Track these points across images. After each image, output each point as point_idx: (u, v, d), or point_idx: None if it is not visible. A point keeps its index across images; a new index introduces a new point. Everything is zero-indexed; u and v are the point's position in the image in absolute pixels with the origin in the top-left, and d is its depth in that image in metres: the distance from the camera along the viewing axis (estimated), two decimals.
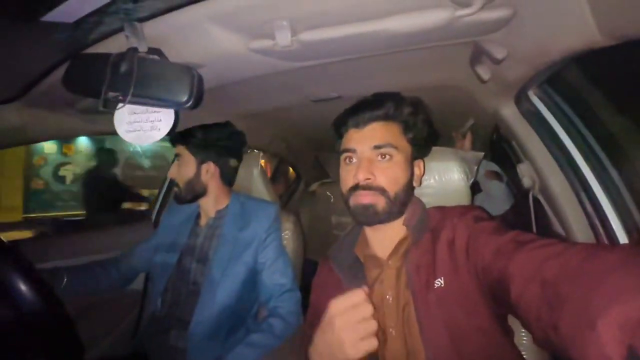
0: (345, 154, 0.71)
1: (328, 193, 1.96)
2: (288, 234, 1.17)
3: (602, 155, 0.82)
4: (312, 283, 0.83)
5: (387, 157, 0.67)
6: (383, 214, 0.66)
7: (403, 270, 0.66)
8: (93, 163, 4.04)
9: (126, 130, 0.56)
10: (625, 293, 0.30)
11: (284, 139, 1.65)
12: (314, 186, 2.21)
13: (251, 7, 0.47)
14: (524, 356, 0.63)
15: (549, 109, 0.87)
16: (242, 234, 1.04)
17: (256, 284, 1.04)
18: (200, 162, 1.05)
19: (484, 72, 0.76)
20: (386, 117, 0.70)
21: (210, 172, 1.07)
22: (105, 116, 0.57)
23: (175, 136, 1.07)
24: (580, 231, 0.82)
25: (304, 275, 1.20)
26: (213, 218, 1.09)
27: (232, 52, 0.58)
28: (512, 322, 0.64)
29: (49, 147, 5.36)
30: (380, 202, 0.65)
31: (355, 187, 0.66)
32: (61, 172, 5.45)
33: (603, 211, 0.78)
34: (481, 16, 0.48)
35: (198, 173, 1.05)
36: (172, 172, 1.06)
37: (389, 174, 0.66)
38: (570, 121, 0.86)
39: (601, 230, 0.79)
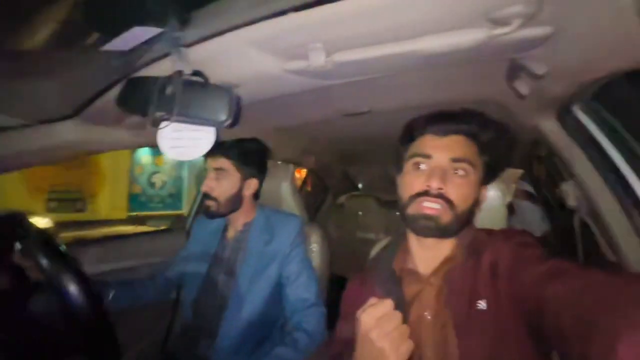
0: (415, 159, 0.68)
1: (355, 206, 1.95)
2: (315, 247, 1.18)
3: None
4: (343, 296, 0.82)
5: (463, 172, 0.65)
6: (444, 229, 0.64)
7: (444, 289, 0.64)
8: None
9: (170, 146, 0.60)
10: None
11: (314, 152, 1.67)
12: (342, 198, 2.21)
13: (288, 31, 0.49)
14: None
15: (596, 124, 0.81)
16: (267, 248, 1.05)
17: (281, 298, 1.04)
18: (245, 178, 1.06)
19: (522, 87, 0.73)
20: (469, 134, 0.68)
21: (251, 188, 1.08)
22: (150, 130, 0.61)
23: (217, 149, 1.05)
24: (633, 255, 0.75)
25: (330, 289, 1.19)
26: (240, 231, 1.11)
27: (268, 73, 0.61)
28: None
29: (145, 158, 7.04)
30: (446, 216, 0.63)
31: (423, 194, 0.64)
32: (152, 179, 7.18)
33: None
34: (519, 34, 0.47)
35: (241, 188, 1.05)
36: (209, 186, 1.03)
37: (461, 190, 0.64)
38: (621, 137, 0.80)
39: None
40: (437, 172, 0.63)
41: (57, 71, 0.69)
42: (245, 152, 1.07)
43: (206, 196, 1.04)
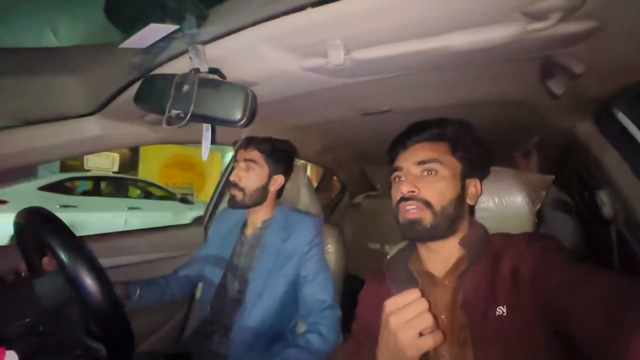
0: (394, 174, 0.73)
1: (372, 207, 1.91)
2: (331, 247, 1.16)
3: None
4: (359, 296, 0.82)
5: (433, 172, 0.68)
6: (431, 230, 0.65)
7: (460, 292, 0.64)
8: None
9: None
10: None
11: (332, 151, 1.65)
12: (359, 198, 2.18)
13: (306, 28, 0.48)
14: None
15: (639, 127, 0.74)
16: (284, 245, 1.05)
17: (297, 297, 1.04)
18: (273, 173, 1.09)
19: (556, 87, 0.68)
20: (431, 138, 0.72)
21: (277, 184, 1.11)
22: (170, 127, 0.61)
23: (251, 142, 1.09)
24: None
25: (345, 290, 1.17)
26: (259, 228, 1.11)
27: (285, 70, 0.59)
28: None
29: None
30: (427, 217, 0.65)
31: (401, 200, 0.68)
32: None
33: None
34: (558, 30, 0.42)
35: (268, 183, 1.08)
36: (238, 176, 1.05)
37: (433, 188, 0.67)
38: None
39: None
40: (408, 178, 0.69)
41: (81, 68, 0.71)
42: (276, 149, 1.09)
43: (233, 186, 1.06)
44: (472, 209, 0.74)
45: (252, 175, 1.05)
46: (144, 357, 0.98)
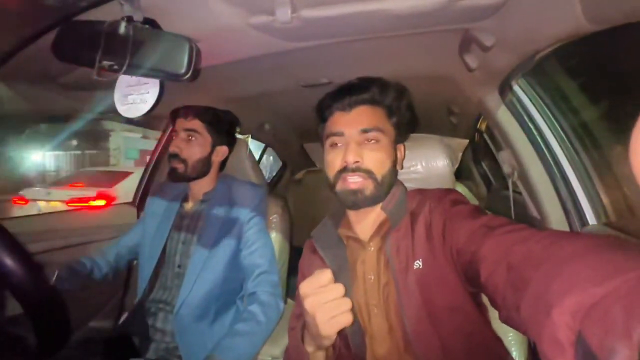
0: (332, 138, 0.71)
1: (314, 182, 1.97)
2: (276, 217, 1.18)
3: (578, 145, 0.88)
4: (299, 264, 0.84)
5: (374, 141, 0.68)
6: (371, 198, 0.68)
7: (383, 251, 0.68)
8: None
9: (121, 103, 0.55)
10: (579, 283, 0.32)
11: (272, 126, 1.64)
12: (300, 174, 2.21)
13: None
14: (496, 331, 0.67)
15: (530, 99, 0.91)
16: (228, 215, 1.03)
17: (240, 265, 1.04)
18: (216, 143, 1.05)
19: (471, 60, 0.79)
20: (372, 101, 0.72)
21: (220, 155, 1.07)
22: (88, 93, 0.55)
23: (191, 110, 1.03)
24: (555, 216, 0.88)
25: (291, 262, 1.21)
26: (201, 201, 1.07)
27: (230, 26, 0.58)
28: (485, 299, 0.67)
29: None
30: (369, 186, 0.67)
31: (344, 170, 0.67)
32: None
33: (577, 197, 0.85)
34: (474, 1, 0.50)
35: (211, 153, 1.04)
36: (179, 147, 0.99)
37: (376, 157, 0.68)
38: (550, 111, 0.91)
39: (574, 216, 0.85)
40: (351, 147, 0.67)
41: None
42: (218, 118, 1.05)
43: (174, 157, 0.99)
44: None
45: (194, 145, 1.01)
46: (79, 345, 0.89)
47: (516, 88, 0.89)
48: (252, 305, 0.95)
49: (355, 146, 0.67)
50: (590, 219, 0.83)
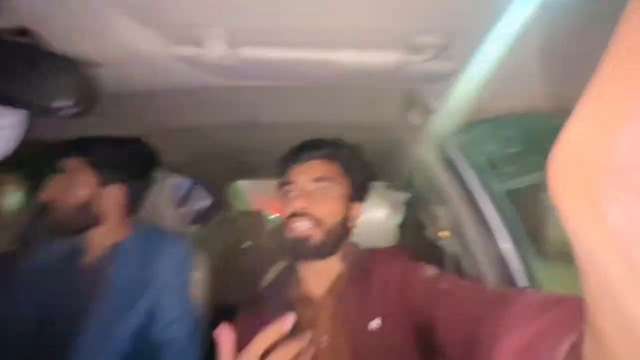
0: (284, 187, 0.72)
1: (243, 222, 1.82)
2: (197, 274, 1.00)
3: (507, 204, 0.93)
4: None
5: (325, 190, 0.69)
6: (316, 249, 0.66)
7: (339, 310, 0.66)
8: None
9: None
10: (517, 324, 0.34)
11: (202, 162, 1.47)
12: (230, 214, 2.04)
13: (176, 2, 0.37)
14: None
15: (465, 157, 0.95)
16: (141, 274, 0.82)
17: (153, 338, 0.82)
18: (103, 183, 0.81)
19: (415, 118, 0.79)
20: (325, 157, 0.73)
21: (114, 197, 0.84)
22: None
23: (66, 146, 0.81)
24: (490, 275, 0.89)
25: (213, 322, 1.02)
26: (102, 257, 0.84)
27: (146, 54, 0.46)
28: None
29: None
30: (317, 235, 0.66)
31: (292, 215, 0.67)
32: None
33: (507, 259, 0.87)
34: (428, 65, 0.48)
35: (97, 196, 0.81)
36: (50, 193, 0.78)
37: (325, 206, 0.68)
38: (481, 172, 0.96)
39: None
40: (301, 194, 0.68)
41: None
42: (105, 150, 0.82)
43: (50, 204, 0.77)
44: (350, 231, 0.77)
45: (72, 189, 0.79)
46: None
47: (451, 148, 0.93)
48: None
49: (304, 193, 0.68)
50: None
